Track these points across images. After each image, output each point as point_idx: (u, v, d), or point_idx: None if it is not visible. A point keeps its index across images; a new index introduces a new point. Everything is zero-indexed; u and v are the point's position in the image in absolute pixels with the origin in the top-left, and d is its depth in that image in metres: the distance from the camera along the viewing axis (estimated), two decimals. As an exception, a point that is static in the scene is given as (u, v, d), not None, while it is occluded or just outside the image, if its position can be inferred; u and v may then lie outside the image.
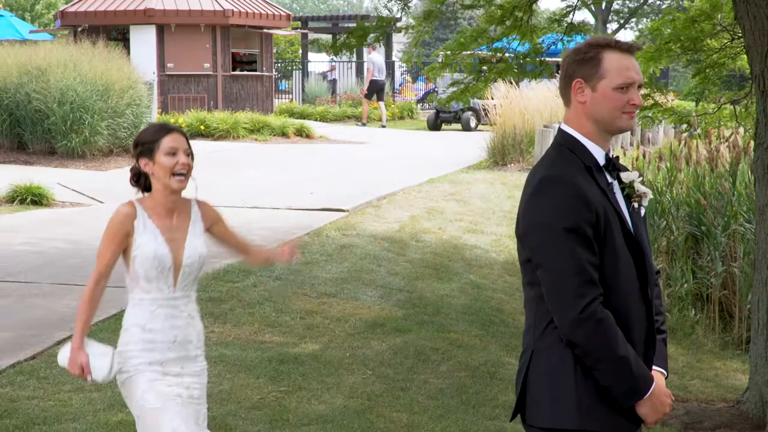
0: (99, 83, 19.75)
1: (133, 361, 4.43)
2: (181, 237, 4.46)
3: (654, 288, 3.52)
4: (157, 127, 4.49)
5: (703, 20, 9.59)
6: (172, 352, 4.44)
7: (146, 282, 4.43)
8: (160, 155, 4.37)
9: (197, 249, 4.50)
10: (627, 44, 3.43)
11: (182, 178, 4.41)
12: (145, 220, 4.41)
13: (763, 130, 6.44)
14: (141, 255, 4.37)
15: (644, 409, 3.38)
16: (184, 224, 4.51)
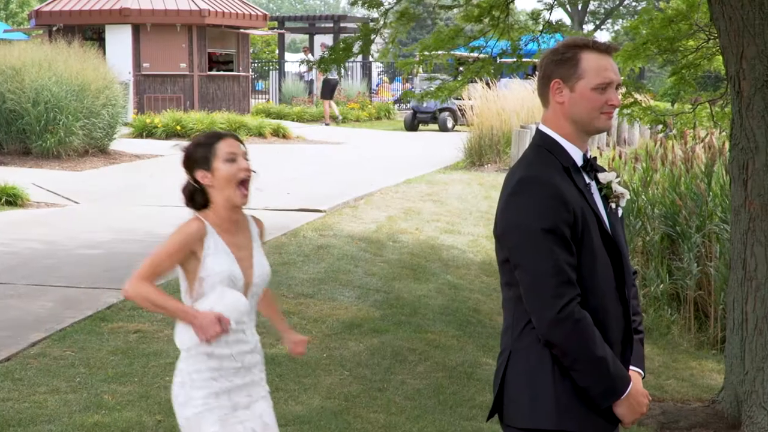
0: (74, 83, 19.65)
1: (199, 393, 4.02)
2: (248, 254, 4.12)
3: (631, 288, 3.52)
4: (208, 135, 4.10)
5: (680, 20, 9.63)
6: (238, 378, 4.07)
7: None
8: (219, 163, 4.00)
9: (264, 267, 4.18)
10: (605, 45, 3.43)
11: (246, 192, 4.04)
12: (215, 239, 4.02)
13: (738, 131, 6.47)
14: (213, 276, 3.97)
15: (621, 409, 3.38)
16: (248, 240, 4.16)
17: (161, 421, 6.38)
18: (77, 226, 13.23)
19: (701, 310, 10.63)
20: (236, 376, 4.05)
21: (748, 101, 6.33)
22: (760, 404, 6.41)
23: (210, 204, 4.06)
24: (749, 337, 6.49)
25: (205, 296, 3.98)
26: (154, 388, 6.99)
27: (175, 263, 4.00)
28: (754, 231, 6.39)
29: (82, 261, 10.94)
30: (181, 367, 4.06)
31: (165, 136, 24.68)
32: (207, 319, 3.91)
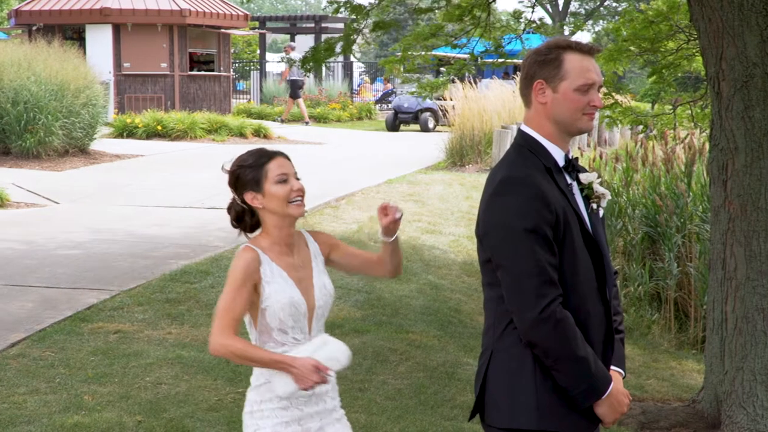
0: (54, 83, 19.58)
1: (268, 422, 3.84)
2: (308, 275, 3.91)
3: (612, 288, 3.53)
4: (256, 155, 3.88)
5: (661, 21, 9.66)
6: (309, 407, 3.87)
7: (281, 334, 3.82)
8: (270, 185, 3.80)
9: (327, 287, 3.96)
10: (588, 46, 3.45)
11: (300, 202, 3.84)
12: (270, 264, 3.80)
13: (718, 132, 6.49)
14: (274, 305, 3.77)
15: (602, 408, 3.39)
16: (307, 260, 3.94)
17: (141, 422, 6.37)
18: (57, 226, 13.18)
19: (681, 310, 10.67)
20: (307, 405, 3.87)
21: (728, 102, 6.35)
22: (739, 404, 6.43)
23: (261, 226, 3.90)
24: (729, 337, 6.51)
25: (269, 328, 3.81)
26: (134, 388, 6.98)
27: (246, 301, 3.77)
28: (733, 231, 6.42)
29: (62, 261, 10.89)
30: (250, 397, 3.88)
31: (146, 136, 24.62)
32: (305, 368, 3.70)
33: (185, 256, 11.07)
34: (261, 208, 3.85)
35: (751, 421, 6.39)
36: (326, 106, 34.27)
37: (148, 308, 8.98)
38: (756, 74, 6.24)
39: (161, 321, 8.66)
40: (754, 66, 6.23)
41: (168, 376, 7.26)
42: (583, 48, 3.43)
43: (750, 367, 6.40)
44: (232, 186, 3.92)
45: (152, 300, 9.22)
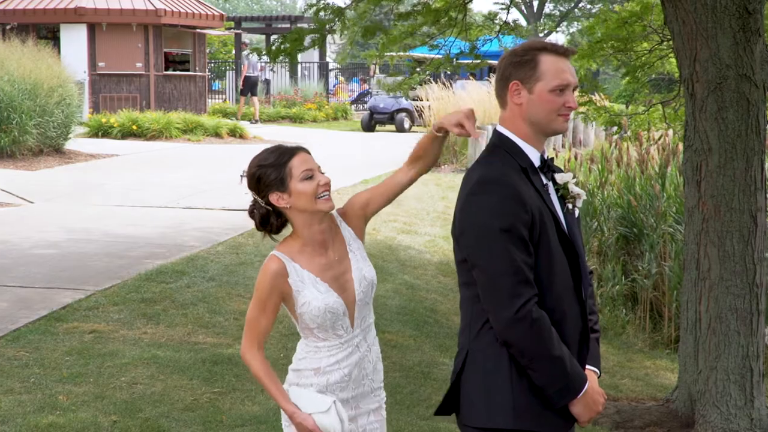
0: (27, 82, 19.48)
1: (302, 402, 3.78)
2: (345, 269, 3.76)
3: (588, 288, 3.56)
4: (277, 153, 3.75)
5: (634, 22, 9.72)
6: (345, 392, 3.78)
7: (321, 331, 3.74)
8: (296, 183, 3.68)
9: (366, 277, 3.80)
10: (563, 47, 3.47)
11: (328, 196, 3.71)
12: (299, 273, 3.70)
13: (692, 133, 6.53)
14: (309, 312, 3.69)
15: (577, 408, 3.41)
16: (343, 254, 3.79)
17: (116, 422, 6.35)
18: (32, 225, 13.12)
19: (655, 310, 10.73)
20: (343, 391, 3.78)
21: (702, 103, 6.40)
22: (713, 403, 6.48)
23: (285, 227, 3.80)
24: (702, 337, 6.56)
25: (309, 327, 3.75)
26: (109, 388, 6.96)
27: (272, 312, 3.73)
28: (707, 232, 6.47)
29: (36, 261, 10.85)
30: (289, 377, 3.84)
31: (121, 136, 24.53)
32: (303, 426, 3.70)
33: (161, 255, 11.05)
34: (288, 208, 3.72)
35: (725, 420, 6.44)
36: (302, 107, 34.25)
37: (124, 308, 8.96)
38: (729, 76, 6.29)
39: (136, 321, 8.64)
40: (728, 68, 6.28)
41: (143, 376, 7.25)
42: (559, 49, 3.45)
43: (723, 367, 6.45)
44: (253, 188, 3.77)
45: (127, 300, 9.20)
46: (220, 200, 15.19)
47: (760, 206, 6.45)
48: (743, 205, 6.38)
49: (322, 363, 3.75)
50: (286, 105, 34.65)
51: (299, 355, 3.83)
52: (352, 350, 3.79)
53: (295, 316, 3.76)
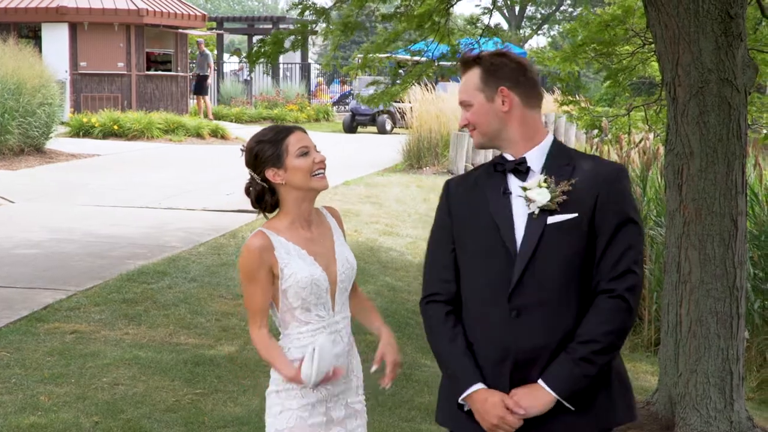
0: (10, 81, 19.41)
1: (294, 402, 3.77)
2: (328, 249, 3.81)
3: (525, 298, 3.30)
4: (274, 131, 3.82)
5: (616, 25, 9.75)
6: (337, 386, 3.81)
7: (303, 312, 3.74)
8: (291, 159, 3.71)
9: (349, 260, 3.85)
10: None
11: (322, 175, 3.78)
12: (285, 245, 3.72)
13: (673, 137, 6.57)
14: (295, 285, 3.68)
15: (473, 409, 3.34)
16: (327, 234, 3.85)
17: (98, 423, 6.34)
18: (13, 225, 13.08)
19: (636, 313, 10.76)
20: (335, 384, 3.79)
21: (684, 107, 6.43)
22: (693, 406, 6.51)
23: (279, 206, 3.81)
24: (683, 340, 6.59)
25: (291, 308, 3.74)
26: (91, 389, 6.95)
27: (267, 287, 3.70)
28: (688, 235, 6.50)
29: (17, 261, 10.81)
30: (277, 376, 3.80)
31: (102, 136, 24.47)
32: (288, 375, 3.67)
33: (142, 256, 11.03)
34: (283, 185, 3.74)
35: (704, 423, 6.47)
36: (283, 108, 34.22)
37: (105, 308, 8.94)
38: (711, 80, 6.32)
39: (118, 321, 8.63)
40: (710, 72, 6.32)
41: (125, 377, 7.24)
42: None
43: (703, 370, 6.49)
44: (250, 165, 3.80)
45: (109, 300, 9.18)
46: (202, 201, 15.18)
47: (741, 210, 6.49)
48: (724, 208, 6.41)
49: (307, 351, 3.71)
50: (267, 106, 34.62)
51: (285, 349, 3.79)
52: (335, 338, 3.80)
53: (277, 301, 3.75)
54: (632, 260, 3.25)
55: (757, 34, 9.54)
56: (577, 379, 3.21)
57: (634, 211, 3.30)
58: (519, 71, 3.38)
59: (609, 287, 3.22)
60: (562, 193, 3.28)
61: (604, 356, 3.24)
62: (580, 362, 3.21)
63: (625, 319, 3.25)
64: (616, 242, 3.24)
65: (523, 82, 3.38)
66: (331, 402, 3.81)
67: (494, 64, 3.38)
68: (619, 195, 3.28)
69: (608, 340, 3.22)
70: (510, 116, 3.38)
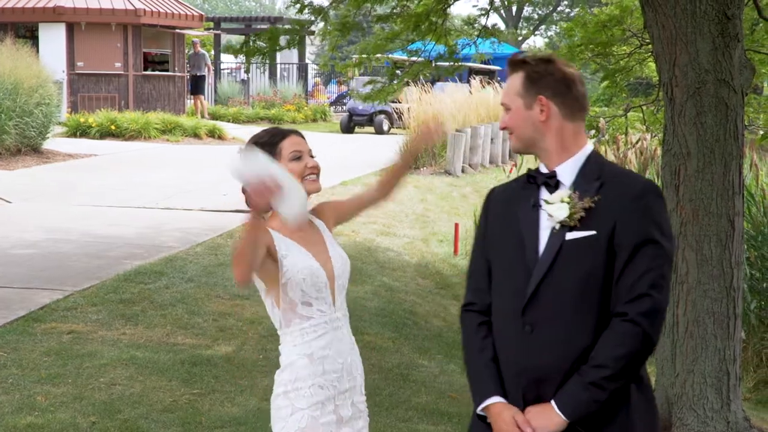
0: (7, 81, 19.39)
1: (304, 402, 3.73)
2: (323, 248, 3.85)
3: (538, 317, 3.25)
4: (270, 133, 3.87)
5: (614, 26, 9.76)
6: (342, 383, 3.80)
7: (305, 307, 3.75)
8: (284, 162, 3.77)
9: (343, 257, 3.90)
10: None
11: (315, 179, 3.83)
12: (283, 239, 3.75)
13: (670, 137, 6.58)
14: (295, 276, 3.70)
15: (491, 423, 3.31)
16: (318, 234, 3.90)
17: (95, 423, 6.34)
18: (9, 225, 13.07)
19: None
20: (340, 382, 3.79)
21: (681, 108, 6.44)
22: (690, 406, 6.52)
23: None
24: (680, 340, 6.60)
25: (292, 303, 3.74)
26: (88, 389, 6.94)
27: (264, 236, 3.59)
28: (685, 236, 6.51)
29: (14, 261, 10.81)
30: (283, 377, 3.79)
31: (99, 136, 24.45)
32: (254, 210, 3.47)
33: (139, 256, 11.03)
34: None
35: (701, 423, 6.48)
36: (281, 108, 34.20)
37: (102, 308, 8.94)
38: (708, 81, 6.33)
39: (115, 321, 8.62)
40: (707, 73, 6.32)
41: (122, 377, 7.24)
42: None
43: (700, 370, 6.49)
44: None
45: (106, 300, 9.18)
46: (199, 201, 15.17)
47: (738, 210, 6.50)
48: (721, 209, 6.42)
49: (312, 347, 3.74)
50: (265, 106, 34.58)
51: (286, 349, 3.79)
52: (338, 334, 3.80)
53: (277, 291, 3.74)
54: (649, 283, 3.11)
55: (754, 35, 9.55)
56: (587, 404, 3.14)
57: (658, 231, 3.16)
58: (563, 82, 3.29)
59: (623, 310, 3.12)
60: (583, 209, 3.20)
61: (615, 382, 3.13)
62: (590, 386, 3.13)
63: (636, 344, 3.12)
64: (635, 263, 3.13)
65: (565, 93, 3.29)
66: (339, 400, 3.79)
67: (537, 71, 3.30)
68: (641, 214, 3.16)
69: (619, 365, 3.12)
70: (547, 126, 3.30)
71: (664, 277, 3.14)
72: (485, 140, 22.49)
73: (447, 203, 17.24)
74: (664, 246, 3.15)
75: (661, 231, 3.17)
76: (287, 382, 3.76)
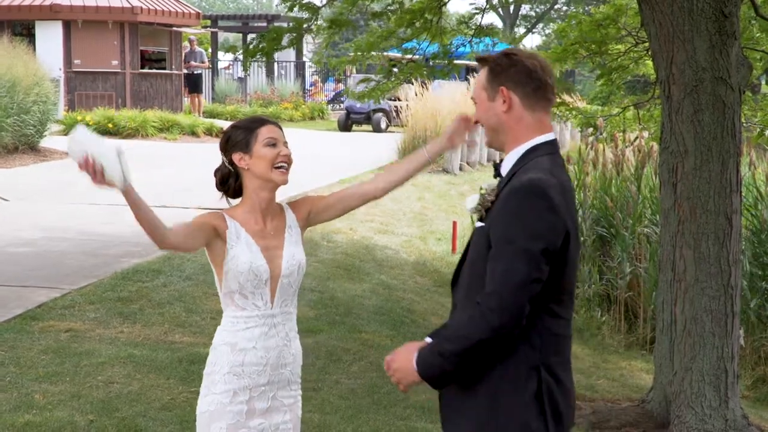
0: (4, 79, 19.36)
1: (218, 387, 3.85)
2: (278, 245, 3.91)
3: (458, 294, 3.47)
4: (251, 119, 3.97)
5: (608, 24, 9.76)
6: (262, 377, 3.87)
7: (241, 298, 3.86)
8: (259, 146, 3.85)
9: (296, 257, 3.94)
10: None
11: (284, 170, 3.91)
12: (237, 229, 3.85)
13: (668, 135, 6.58)
14: (235, 268, 3.81)
15: None
16: (280, 230, 3.95)
17: (93, 421, 6.34)
18: (7, 224, 13.06)
19: (631, 311, 10.78)
20: (260, 375, 3.87)
21: (678, 105, 6.45)
22: (687, 404, 6.53)
23: (242, 192, 3.94)
24: (678, 338, 6.61)
25: (231, 291, 3.86)
26: (85, 387, 6.94)
27: (197, 232, 3.81)
28: (683, 234, 6.51)
29: (11, 259, 10.80)
30: (209, 357, 3.94)
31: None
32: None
33: (137, 254, 11.02)
34: (246, 170, 3.89)
35: (699, 420, 6.49)
36: (278, 106, 34.18)
37: (100, 307, 8.94)
38: (705, 79, 6.34)
39: (113, 320, 8.62)
40: (704, 71, 6.33)
41: (120, 375, 7.23)
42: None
43: (698, 368, 6.50)
44: (222, 148, 3.96)
45: (103, 299, 9.17)
46: (196, 199, 15.15)
47: (736, 208, 6.50)
48: (719, 207, 6.43)
49: (237, 337, 3.85)
50: (262, 104, 34.56)
51: (217, 332, 3.94)
52: (269, 330, 3.89)
53: (221, 276, 3.87)
54: (500, 280, 3.17)
55: (748, 32, 9.55)
56: (433, 367, 3.32)
57: (517, 230, 3.19)
58: (524, 72, 3.37)
59: (479, 299, 3.20)
60: (490, 202, 3.33)
61: (457, 358, 3.25)
62: (437, 354, 3.31)
63: (479, 332, 3.19)
64: (493, 258, 3.21)
65: (526, 82, 3.37)
66: (255, 392, 3.87)
67: (500, 64, 3.41)
68: (506, 212, 3.23)
69: (460, 345, 3.23)
70: (509, 116, 3.40)
71: (516, 272, 3.16)
72: (483, 139, 22.45)
73: (445, 201, 17.24)
74: (519, 245, 3.18)
75: (522, 230, 3.19)
76: (209, 364, 3.92)
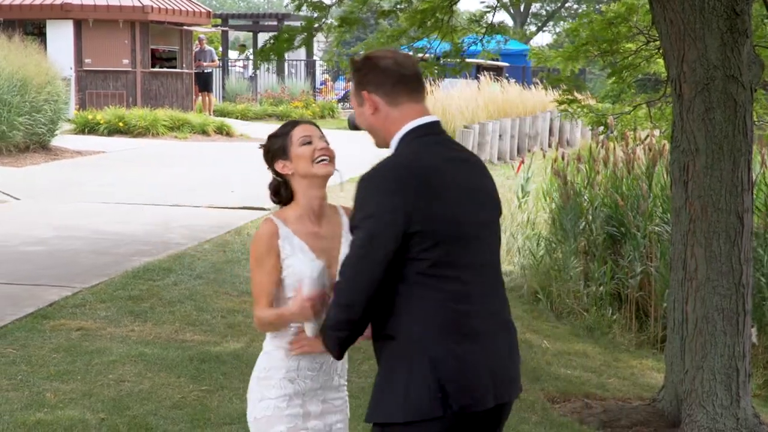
0: (16, 78, 19.42)
1: (273, 392, 3.84)
2: (334, 247, 3.84)
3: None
4: (283, 125, 3.97)
5: (620, 23, 9.74)
6: (315, 382, 3.87)
7: None
8: (295, 148, 3.84)
9: None
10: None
11: (327, 162, 3.87)
12: (290, 237, 3.80)
13: (679, 133, 6.56)
14: (292, 275, 3.77)
15: None
16: (336, 232, 3.90)
17: (104, 419, 6.35)
18: (18, 222, 13.09)
19: (642, 310, 10.75)
20: (313, 380, 3.87)
21: (689, 104, 6.43)
22: (699, 403, 6.51)
23: (293, 197, 3.93)
24: (689, 337, 6.59)
25: (285, 297, 3.81)
26: (97, 386, 6.95)
27: (274, 271, 3.79)
28: (694, 232, 6.50)
29: (23, 258, 10.83)
30: (260, 362, 3.91)
31: (107, 133, 24.49)
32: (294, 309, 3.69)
33: (148, 253, 11.04)
34: (291, 175, 3.88)
35: (711, 419, 6.47)
36: (289, 104, 34.21)
37: (111, 305, 8.95)
38: (717, 77, 6.32)
39: (124, 318, 8.64)
40: (715, 69, 6.31)
41: (131, 374, 7.25)
42: None
43: (710, 367, 6.49)
44: (266, 161, 3.96)
45: (115, 297, 9.19)
46: (207, 198, 15.18)
47: (747, 207, 6.49)
48: (730, 205, 6.41)
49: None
50: (272, 103, 34.58)
51: (269, 336, 3.90)
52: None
53: (278, 286, 3.84)
54: (342, 269, 3.38)
55: (760, 30, 9.52)
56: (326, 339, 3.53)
57: (358, 216, 3.41)
58: (380, 71, 3.46)
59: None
60: None
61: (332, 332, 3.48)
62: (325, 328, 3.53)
63: (333, 314, 3.44)
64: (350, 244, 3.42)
65: (383, 81, 3.46)
66: (308, 396, 3.87)
67: (357, 70, 3.51)
68: (354, 201, 3.45)
69: (330, 322, 3.46)
70: (377, 118, 3.51)
71: (358, 259, 3.35)
72: (493, 137, 22.47)
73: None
74: (361, 229, 3.37)
75: (362, 215, 3.40)
76: (262, 369, 3.89)
